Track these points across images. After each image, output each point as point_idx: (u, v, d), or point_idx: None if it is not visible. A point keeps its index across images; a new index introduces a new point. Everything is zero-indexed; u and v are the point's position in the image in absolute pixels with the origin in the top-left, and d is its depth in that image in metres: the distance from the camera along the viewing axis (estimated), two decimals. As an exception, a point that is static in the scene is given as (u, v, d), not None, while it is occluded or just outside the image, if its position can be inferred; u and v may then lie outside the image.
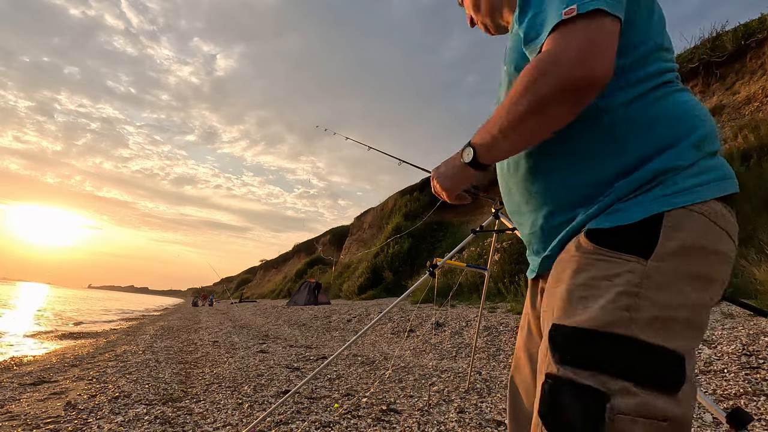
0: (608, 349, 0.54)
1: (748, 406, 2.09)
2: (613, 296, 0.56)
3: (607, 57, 0.56)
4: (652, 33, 0.66)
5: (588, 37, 0.56)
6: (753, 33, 7.35)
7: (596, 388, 0.52)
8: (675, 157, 0.61)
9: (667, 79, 0.66)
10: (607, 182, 0.64)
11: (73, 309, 17.87)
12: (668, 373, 0.53)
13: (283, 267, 38.92)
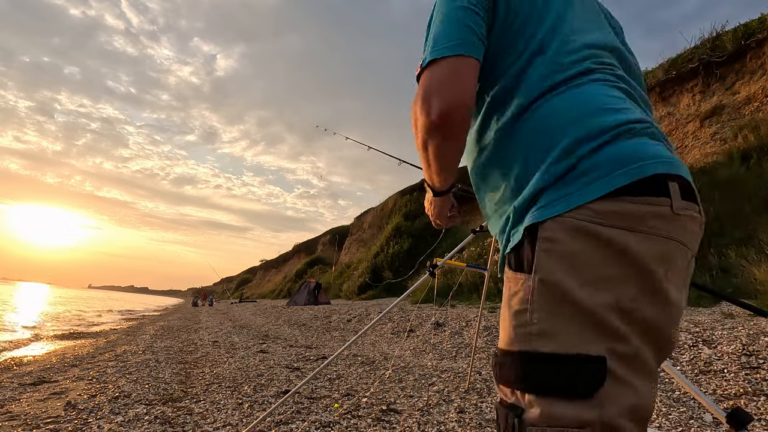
0: (517, 366, 0.57)
1: (748, 406, 2.09)
2: (512, 315, 0.59)
3: (450, 91, 0.63)
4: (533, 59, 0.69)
5: (428, 85, 0.64)
6: (753, 33, 7.35)
7: (515, 405, 0.56)
8: (545, 173, 0.62)
9: (536, 96, 0.67)
10: (509, 205, 0.68)
11: (73, 309, 17.87)
12: (575, 378, 0.53)
13: (283, 267, 38.93)
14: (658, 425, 2.06)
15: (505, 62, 0.70)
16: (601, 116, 0.62)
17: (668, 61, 8.97)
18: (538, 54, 0.68)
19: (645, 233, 0.56)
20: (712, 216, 5.21)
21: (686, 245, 0.60)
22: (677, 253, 0.59)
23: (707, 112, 7.60)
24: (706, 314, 3.79)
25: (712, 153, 6.86)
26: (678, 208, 0.58)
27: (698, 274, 4.55)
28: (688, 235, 0.60)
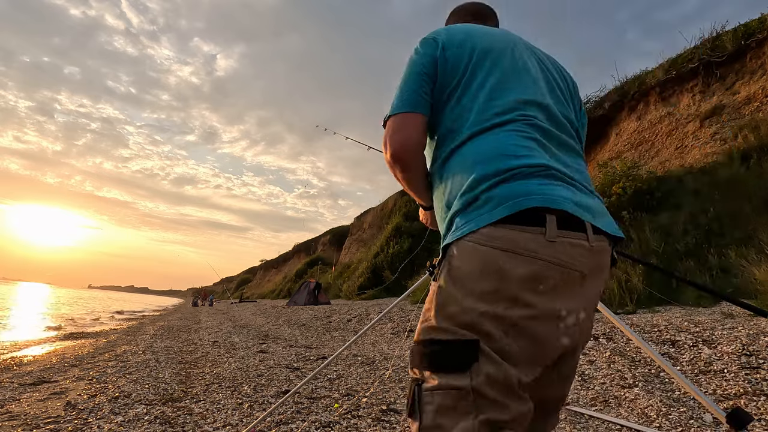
0: (420, 351, 0.75)
1: (748, 406, 2.09)
2: (422, 314, 0.79)
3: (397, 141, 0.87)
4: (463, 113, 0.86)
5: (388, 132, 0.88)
6: (753, 33, 7.35)
7: (418, 378, 0.75)
8: (458, 202, 0.79)
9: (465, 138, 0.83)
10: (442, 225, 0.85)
11: (74, 309, 17.87)
12: (455, 358, 0.71)
13: (283, 267, 38.92)
14: (658, 425, 2.06)
15: (445, 112, 0.89)
16: (501, 161, 0.77)
17: (668, 61, 8.96)
18: (467, 108, 0.86)
19: (518, 254, 0.71)
20: (712, 216, 5.21)
21: (563, 266, 0.72)
22: (551, 272, 0.72)
23: (707, 112, 7.60)
24: (706, 314, 3.80)
25: (712, 153, 6.86)
26: (551, 236, 0.71)
27: (698, 274, 4.55)
28: (565, 257, 0.72)
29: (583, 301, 0.77)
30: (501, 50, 0.91)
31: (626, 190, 6.21)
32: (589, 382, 2.79)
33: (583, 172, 0.86)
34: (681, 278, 1.79)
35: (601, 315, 4.39)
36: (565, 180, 0.78)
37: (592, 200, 0.81)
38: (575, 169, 0.83)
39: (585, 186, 0.82)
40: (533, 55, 0.96)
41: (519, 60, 0.91)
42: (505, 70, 0.88)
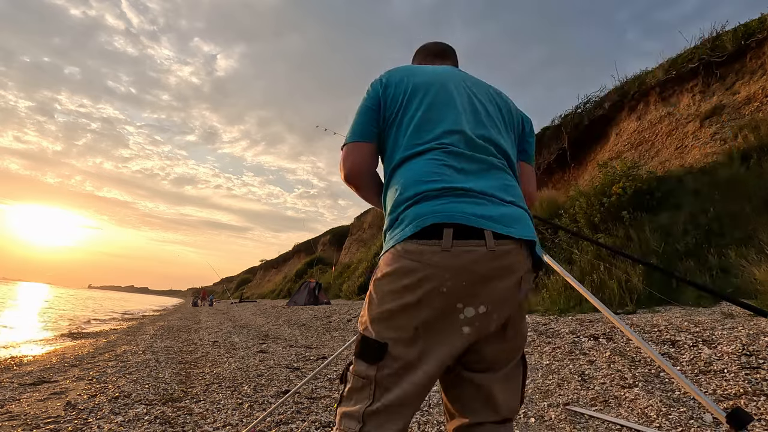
0: (357, 340, 0.93)
1: (748, 406, 2.09)
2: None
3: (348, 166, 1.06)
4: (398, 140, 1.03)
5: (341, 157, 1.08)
6: (753, 33, 7.35)
7: (350, 362, 0.94)
8: (387, 220, 0.98)
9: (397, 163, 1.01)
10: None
11: (74, 309, 17.87)
12: (370, 352, 0.89)
13: (283, 267, 38.91)
14: (658, 425, 2.06)
15: (388, 139, 1.06)
16: (415, 186, 0.93)
17: (668, 61, 8.96)
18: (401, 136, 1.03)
19: (423, 263, 0.86)
20: (712, 216, 5.21)
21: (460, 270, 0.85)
22: (449, 276, 0.85)
23: (707, 112, 7.60)
24: (706, 314, 3.80)
25: (712, 153, 6.86)
26: (445, 246, 0.85)
27: (698, 274, 4.55)
28: (458, 262, 0.85)
29: (487, 297, 0.88)
30: (433, 86, 1.07)
31: (626, 190, 6.21)
32: (589, 382, 2.79)
33: (502, 185, 0.98)
34: (681, 278, 1.79)
35: (601, 315, 4.39)
36: (471, 196, 0.92)
37: (503, 210, 0.92)
38: (491, 185, 0.96)
39: (499, 198, 0.94)
40: (465, 88, 1.11)
41: (447, 94, 1.07)
42: (432, 104, 1.04)
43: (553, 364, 3.28)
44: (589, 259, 5.58)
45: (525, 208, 0.99)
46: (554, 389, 2.79)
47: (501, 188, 0.97)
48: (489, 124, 1.06)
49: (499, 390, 0.96)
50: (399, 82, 1.08)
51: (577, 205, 6.86)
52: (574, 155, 10.73)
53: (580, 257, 5.80)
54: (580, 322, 4.21)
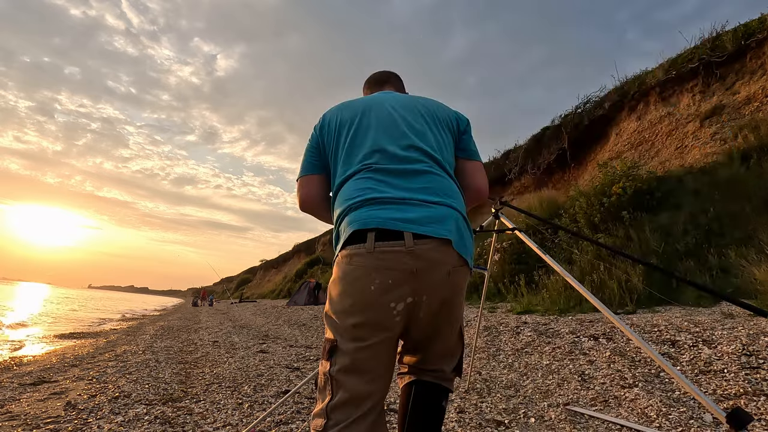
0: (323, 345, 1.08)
1: (748, 406, 2.09)
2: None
3: (299, 198, 1.28)
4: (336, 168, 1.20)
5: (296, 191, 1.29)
6: (753, 33, 7.34)
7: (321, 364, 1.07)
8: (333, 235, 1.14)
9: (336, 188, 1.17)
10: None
11: (74, 309, 17.86)
12: (328, 351, 1.03)
13: (283, 267, 38.89)
14: (658, 425, 2.06)
15: (331, 171, 1.23)
16: (346, 203, 1.09)
17: (668, 61, 8.95)
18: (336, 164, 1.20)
19: (354, 265, 1.01)
20: (712, 216, 5.21)
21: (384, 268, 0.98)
22: (376, 273, 0.98)
23: (707, 112, 7.59)
24: (706, 314, 3.79)
25: (712, 153, 6.85)
26: (369, 248, 0.99)
27: (698, 274, 4.54)
28: (382, 262, 0.98)
29: (415, 288, 1.00)
30: (357, 116, 1.23)
31: (626, 190, 6.21)
32: (589, 382, 2.78)
33: (425, 188, 1.08)
34: (681, 278, 1.79)
35: (601, 315, 4.38)
36: (393, 203, 1.04)
37: (423, 211, 1.03)
38: (414, 190, 1.07)
39: (421, 200, 1.06)
40: (389, 108, 1.24)
41: (369, 119, 1.21)
42: (356, 132, 1.19)
43: (553, 364, 3.28)
44: (589, 259, 5.58)
45: (453, 206, 1.08)
46: (554, 389, 2.79)
47: (424, 191, 1.08)
48: (412, 134, 1.18)
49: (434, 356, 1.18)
50: (331, 121, 1.26)
51: (577, 205, 6.86)
52: (574, 155, 10.73)
53: (580, 257, 5.80)
54: (580, 322, 4.21)
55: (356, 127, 1.20)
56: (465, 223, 1.10)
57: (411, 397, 1.16)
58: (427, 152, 1.15)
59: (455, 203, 1.10)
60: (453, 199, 1.10)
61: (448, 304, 1.07)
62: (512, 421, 2.31)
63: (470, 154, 1.29)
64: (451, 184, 1.14)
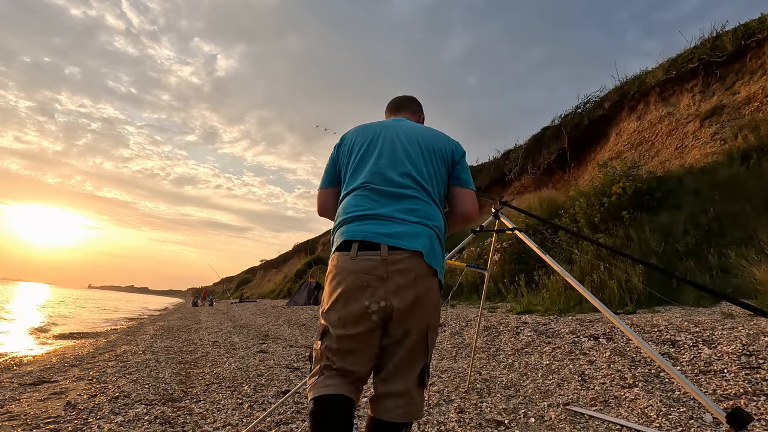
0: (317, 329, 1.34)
1: (748, 406, 2.09)
2: None
3: (317, 206, 1.55)
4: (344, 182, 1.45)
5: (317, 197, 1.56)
6: (753, 33, 7.34)
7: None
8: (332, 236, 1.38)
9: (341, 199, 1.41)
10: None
11: (74, 309, 17.86)
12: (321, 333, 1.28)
13: (283, 267, 38.88)
14: (658, 425, 2.06)
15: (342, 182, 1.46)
16: (342, 215, 1.33)
17: (668, 61, 8.95)
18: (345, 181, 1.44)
19: (339, 267, 1.26)
20: (712, 216, 5.21)
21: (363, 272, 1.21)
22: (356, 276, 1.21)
23: (707, 112, 7.59)
24: (706, 314, 3.79)
25: (712, 153, 6.85)
26: (352, 256, 1.23)
27: (698, 274, 4.54)
28: (360, 267, 1.21)
29: (390, 292, 1.19)
30: (367, 140, 1.44)
31: (626, 190, 6.21)
32: (589, 382, 2.79)
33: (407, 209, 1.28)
34: (681, 278, 1.79)
35: (601, 315, 4.39)
36: (377, 219, 1.26)
37: (401, 228, 1.24)
38: (397, 210, 1.28)
39: (401, 219, 1.26)
40: (393, 136, 1.43)
41: (375, 145, 1.42)
42: (363, 155, 1.41)
43: (553, 364, 3.28)
44: (589, 259, 5.58)
45: (429, 225, 1.28)
46: (554, 389, 2.79)
47: (405, 211, 1.28)
48: (409, 164, 1.37)
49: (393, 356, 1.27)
50: (347, 141, 1.49)
51: (577, 205, 6.86)
52: (574, 155, 10.73)
53: (580, 257, 5.80)
54: (580, 322, 4.21)
55: (365, 149, 1.42)
56: (438, 240, 1.29)
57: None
58: (418, 181, 1.35)
59: (433, 223, 1.29)
60: (432, 220, 1.29)
61: (416, 306, 1.21)
62: (512, 421, 2.31)
63: (462, 182, 1.45)
64: (434, 210, 1.33)
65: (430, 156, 1.40)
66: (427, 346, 1.28)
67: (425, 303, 1.23)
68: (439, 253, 1.28)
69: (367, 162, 1.39)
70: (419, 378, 1.26)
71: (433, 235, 1.27)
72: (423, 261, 1.21)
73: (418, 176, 1.35)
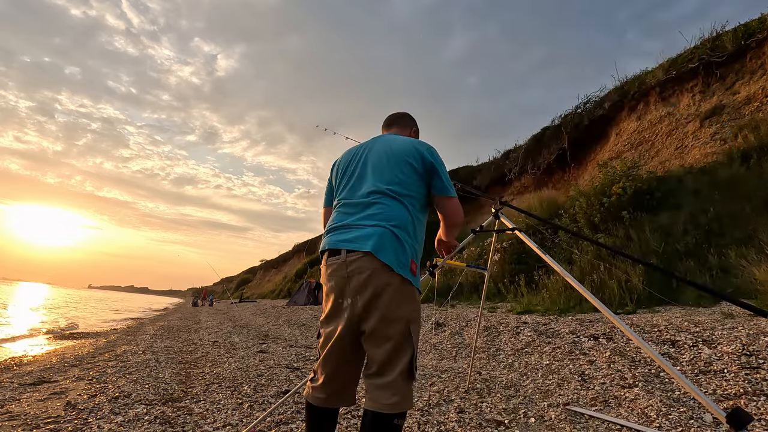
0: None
1: (748, 406, 2.09)
2: None
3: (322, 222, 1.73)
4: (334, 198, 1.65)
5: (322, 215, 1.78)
6: (753, 33, 7.34)
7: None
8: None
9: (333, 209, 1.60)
10: None
11: (74, 309, 17.86)
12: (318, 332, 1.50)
13: (283, 267, 38.87)
14: (658, 425, 2.06)
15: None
16: (325, 229, 1.57)
17: (668, 61, 8.95)
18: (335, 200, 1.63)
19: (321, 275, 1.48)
20: (712, 216, 5.21)
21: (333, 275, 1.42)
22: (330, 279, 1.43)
23: (707, 112, 7.59)
24: (706, 314, 3.80)
25: (712, 153, 6.85)
26: (324, 263, 1.47)
27: (698, 274, 4.54)
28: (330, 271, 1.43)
29: (352, 290, 1.37)
30: (348, 162, 1.63)
31: (626, 190, 6.21)
32: (589, 382, 2.79)
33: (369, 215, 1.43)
34: (681, 278, 1.79)
35: (601, 315, 4.39)
36: (343, 228, 1.46)
37: (358, 233, 1.40)
38: (360, 218, 1.44)
39: (361, 225, 1.42)
40: (370, 154, 1.59)
41: (353, 165, 1.60)
42: (343, 175, 1.62)
43: (553, 364, 3.28)
44: (589, 259, 5.58)
45: (385, 226, 1.40)
46: (554, 389, 2.79)
47: (366, 217, 1.43)
48: (377, 173, 1.52)
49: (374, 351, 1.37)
50: (337, 165, 1.70)
51: (577, 205, 6.86)
52: (574, 155, 10.73)
53: (580, 257, 5.80)
54: (580, 322, 4.21)
55: (345, 169, 1.63)
56: (394, 237, 1.38)
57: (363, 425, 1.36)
58: (383, 189, 1.48)
59: (390, 223, 1.40)
60: (390, 221, 1.41)
61: (376, 300, 1.34)
62: (512, 421, 2.31)
63: (438, 190, 1.55)
64: (397, 211, 1.44)
65: (397, 162, 1.52)
66: (403, 338, 1.34)
67: (385, 296, 1.33)
68: (397, 249, 1.37)
69: (347, 182, 1.58)
70: (403, 369, 1.32)
71: (386, 234, 1.37)
72: (375, 259, 1.33)
73: (384, 185, 1.48)
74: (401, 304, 1.36)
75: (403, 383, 1.32)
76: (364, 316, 1.35)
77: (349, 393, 1.46)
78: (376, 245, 1.35)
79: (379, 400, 1.30)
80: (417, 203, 1.51)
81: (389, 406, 1.29)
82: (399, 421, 1.30)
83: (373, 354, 1.35)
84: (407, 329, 1.36)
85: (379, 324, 1.33)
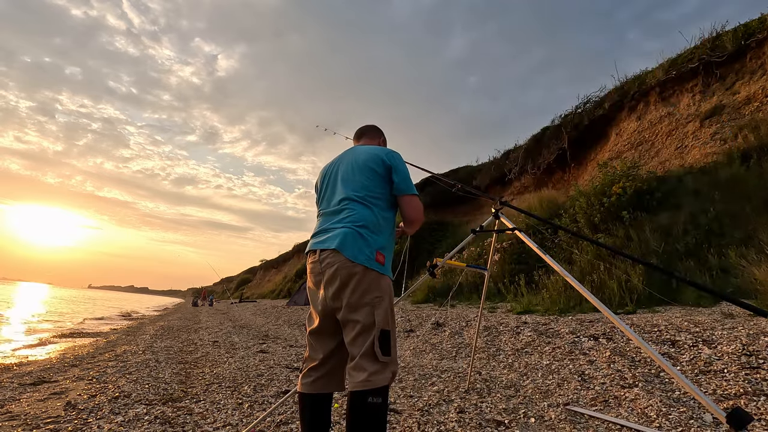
0: None
1: (748, 406, 2.09)
2: None
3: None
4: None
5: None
6: (753, 33, 7.34)
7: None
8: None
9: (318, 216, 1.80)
10: None
11: (74, 309, 17.86)
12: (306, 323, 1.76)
13: (283, 267, 38.86)
14: (658, 425, 2.06)
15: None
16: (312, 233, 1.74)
17: (668, 61, 8.95)
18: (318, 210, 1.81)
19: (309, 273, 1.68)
20: (712, 216, 5.21)
21: (312, 273, 1.63)
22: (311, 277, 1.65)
23: (707, 112, 7.59)
24: (706, 314, 3.79)
25: (712, 153, 6.85)
26: (307, 262, 1.67)
27: (698, 274, 4.55)
28: (311, 269, 1.64)
29: (325, 283, 1.55)
30: (323, 176, 1.83)
31: (626, 190, 6.21)
32: (589, 382, 2.79)
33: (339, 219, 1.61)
34: (681, 278, 1.79)
35: (601, 315, 4.39)
36: (319, 233, 1.65)
37: (330, 234, 1.58)
38: (333, 222, 1.62)
39: (332, 227, 1.60)
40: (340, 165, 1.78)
41: (327, 177, 1.80)
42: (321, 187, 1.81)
43: (553, 364, 3.28)
44: (589, 259, 5.58)
45: (350, 226, 1.56)
46: (554, 389, 2.79)
47: (338, 221, 1.60)
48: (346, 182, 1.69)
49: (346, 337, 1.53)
50: (317, 180, 1.88)
51: (577, 205, 6.86)
52: (574, 155, 10.73)
53: (580, 257, 5.80)
54: (580, 322, 4.21)
55: (322, 184, 1.82)
56: (357, 234, 1.54)
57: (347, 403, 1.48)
58: (351, 196, 1.65)
59: (355, 224, 1.57)
60: (355, 221, 1.57)
61: (344, 290, 1.50)
62: (512, 421, 2.31)
63: (398, 190, 1.68)
64: (363, 212, 1.60)
65: (361, 170, 1.69)
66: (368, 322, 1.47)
67: (351, 285, 1.50)
68: (360, 244, 1.53)
69: (324, 194, 1.79)
70: (368, 348, 1.45)
71: (349, 233, 1.55)
72: (340, 254, 1.51)
73: (352, 192, 1.66)
74: (366, 292, 1.50)
75: (369, 362, 1.43)
76: (336, 305, 1.53)
77: (335, 378, 1.61)
78: (340, 243, 1.52)
79: (352, 381, 1.44)
80: (382, 203, 1.67)
81: (360, 384, 1.41)
82: (374, 398, 1.39)
83: (346, 340, 1.51)
84: (371, 314, 1.48)
85: (347, 311, 1.50)
